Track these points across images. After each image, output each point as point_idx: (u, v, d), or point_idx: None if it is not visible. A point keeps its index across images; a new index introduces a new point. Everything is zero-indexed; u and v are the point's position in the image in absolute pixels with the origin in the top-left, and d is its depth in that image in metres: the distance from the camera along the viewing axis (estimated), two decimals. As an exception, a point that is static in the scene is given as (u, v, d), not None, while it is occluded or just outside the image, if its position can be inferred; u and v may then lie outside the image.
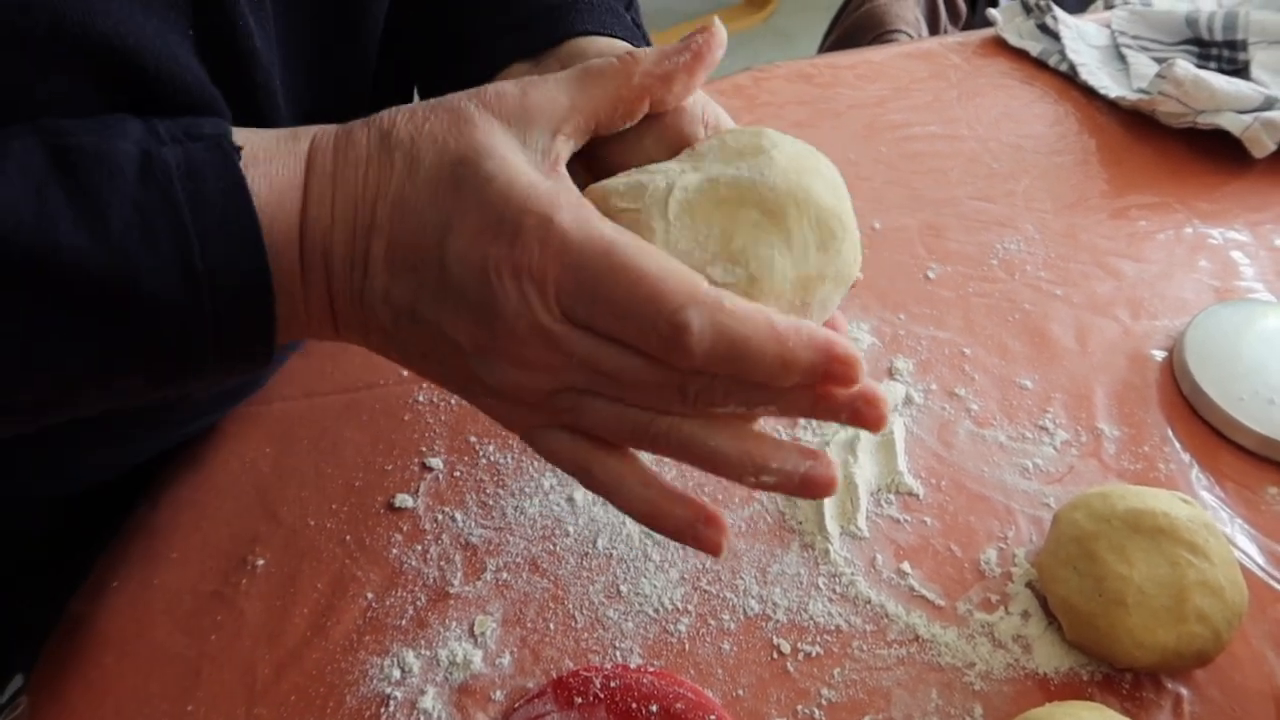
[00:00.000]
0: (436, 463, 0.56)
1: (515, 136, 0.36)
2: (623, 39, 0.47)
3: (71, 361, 0.34)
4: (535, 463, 0.56)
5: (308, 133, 0.38)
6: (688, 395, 0.35)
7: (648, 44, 0.48)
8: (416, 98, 0.58)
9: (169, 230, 0.33)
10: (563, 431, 0.39)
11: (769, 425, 0.58)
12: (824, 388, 0.35)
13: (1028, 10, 0.95)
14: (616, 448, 0.39)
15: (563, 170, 0.37)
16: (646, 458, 0.40)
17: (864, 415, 0.36)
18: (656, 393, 0.36)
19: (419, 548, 0.52)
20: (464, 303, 0.35)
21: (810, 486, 0.37)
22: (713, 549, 0.38)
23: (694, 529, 0.38)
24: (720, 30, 0.39)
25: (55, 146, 0.33)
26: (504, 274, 0.34)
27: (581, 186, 0.38)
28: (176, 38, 0.37)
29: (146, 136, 0.34)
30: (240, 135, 0.36)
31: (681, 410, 0.36)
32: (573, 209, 0.34)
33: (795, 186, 0.37)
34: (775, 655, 0.49)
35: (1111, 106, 0.86)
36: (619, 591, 0.51)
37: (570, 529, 0.53)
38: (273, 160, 0.36)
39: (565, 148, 0.37)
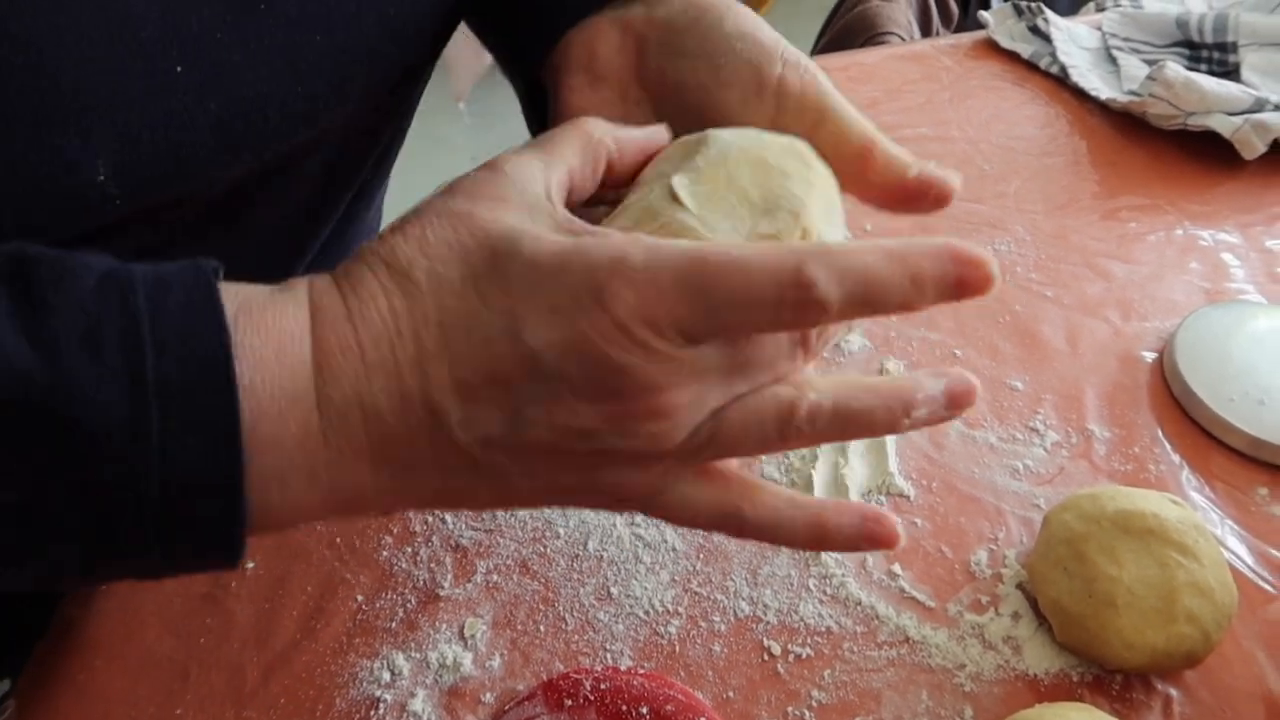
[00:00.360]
0: (427, 465, 0.56)
1: (520, 209, 0.34)
2: None
3: None
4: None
5: (300, 281, 0.34)
6: (811, 344, 0.34)
7: None
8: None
9: (118, 337, 0.29)
10: (696, 481, 0.36)
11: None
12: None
13: (1019, 12, 0.95)
14: (754, 483, 0.36)
15: (572, 216, 0.35)
16: None
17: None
18: (788, 362, 0.34)
19: (409, 550, 0.52)
20: (576, 386, 0.32)
21: (958, 400, 0.35)
22: (891, 542, 0.36)
23: (868, 532, 0.36)
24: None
25: (13, 255, 0.30)
26: (610, 335, 0.31)
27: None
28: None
29: (116, 263, 0.31)
30: (226, 289, 0.32)
31: (805, 362, 0.35)
32: (634, 243, 0.32)
33: (769, 139, 0.38)
34: (766, 657, 0.49)
35: (1102, 108, 0.86)
36: (609, 594, 0.51)
37: (561, 531, 0.53)
38: (266, 309, 0.32)
39: (559, 197, 0.36)
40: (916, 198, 0.41)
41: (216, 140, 0.39)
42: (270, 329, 0.31)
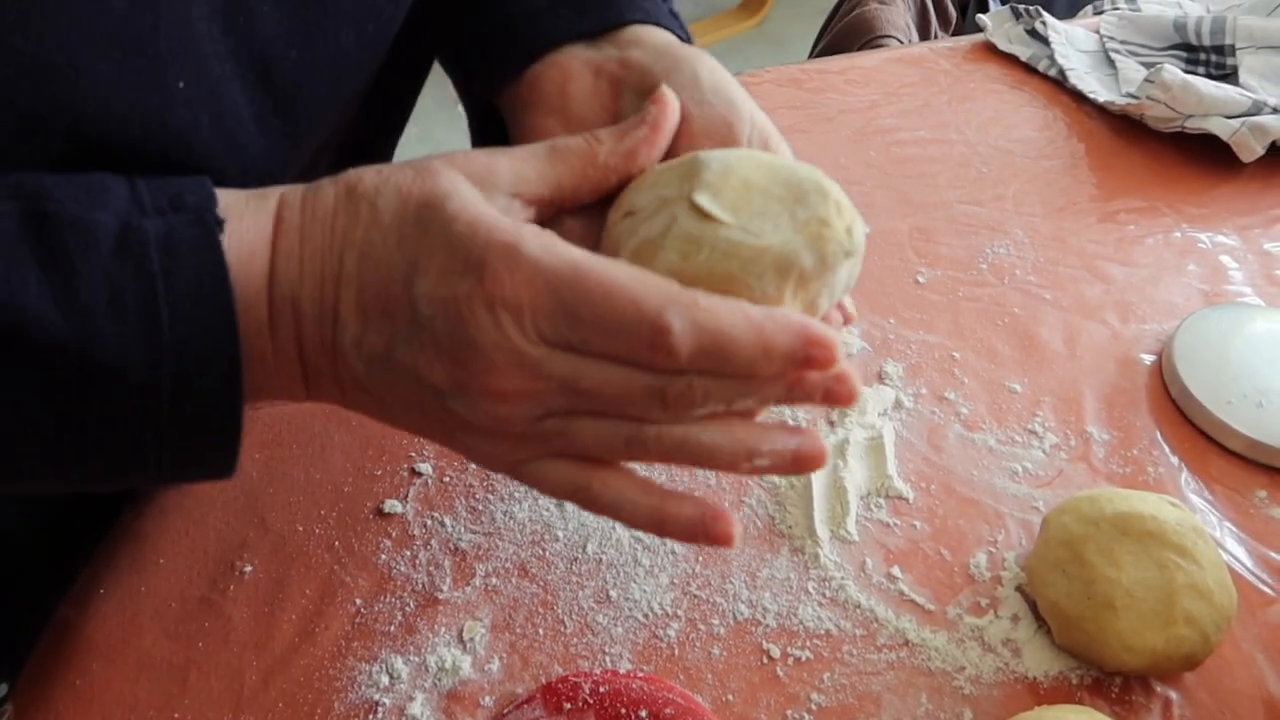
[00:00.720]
0: (426, 468, 0.56)
1: (477, 189, 0.37)
2: (669, 29, 0.47)
3: (25, 430, 0.34)
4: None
5: (276, 191, 0.38)
6: (669, 400, 0.35)
7: (686, 34, 0.49)
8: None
9: (138, 302, 0.33)
10: (553, 459, 0.39)
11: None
12: (800, 372, 0.36)
13: (1017, 16, 0.95)
14: (608, 467, 0.39)
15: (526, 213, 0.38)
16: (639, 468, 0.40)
17: (837, 394, 0.36)
18: (641, 403, 0.36)
19: (408, 553, 0.52)
20: (438, 342, 0.35)
21: (803, 463, 0.37)
22: (725, 541, 0.38)
23: (704, 526, 0.38)
24: (670, 98, 0.41)
25: (33, 212, 0.33)
26: (477, 308, 0.34)
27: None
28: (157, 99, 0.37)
29: (130, 206, 0.34)
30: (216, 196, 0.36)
31: (663, 418, 0.36)
32: (536, 237, 0.35)
33: (745, 148, 0.41)
34: (765, 660, 0.49)
35: (1100, 111, 0.86)
36: (608, 597, 0.51)
37: (560, 534, 0.53)
38: (243, 218, 0.36)
39: (525, 213, 0.38)
40: None
41: (207, 153, 0.40)
42: (242, 238, 0.36)
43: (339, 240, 0.37)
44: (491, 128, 0.50)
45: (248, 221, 0.36)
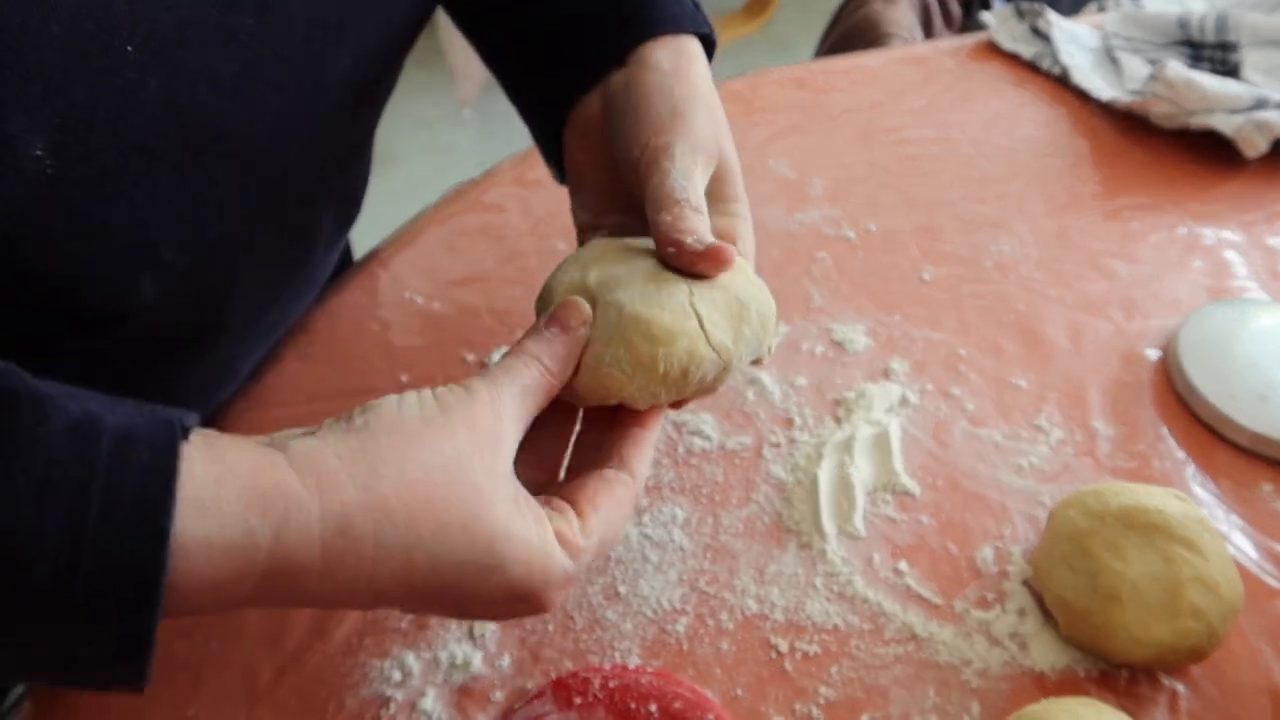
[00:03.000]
0: (435, 467, 0.56)
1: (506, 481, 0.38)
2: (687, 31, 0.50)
3: None
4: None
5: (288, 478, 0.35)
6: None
7: (706, 24, 0.52)
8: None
9: (70, 492, 0.30)
10: None
11: (767, 423, 0.59)
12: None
13: (1021, 14, 0.95)
14: None
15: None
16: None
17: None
18: None
19: (418, 551, 0.52)
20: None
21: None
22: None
23: None
24: (577, 306, 0.42)
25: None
26: (517, 611, 0.39)
27: None
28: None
29: (101, 406, 0.32)
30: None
31: None
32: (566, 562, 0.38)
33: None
34: (773, 655, 0.49)
35: (1104, 109, 0.86)
36: (617, 592, 0.51)
37: (569, 531, 0.53)
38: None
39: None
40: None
41: (157, 120, 0.40)
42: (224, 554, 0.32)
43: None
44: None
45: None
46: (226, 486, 0.32)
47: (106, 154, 0.38)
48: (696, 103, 0.47)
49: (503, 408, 0.38)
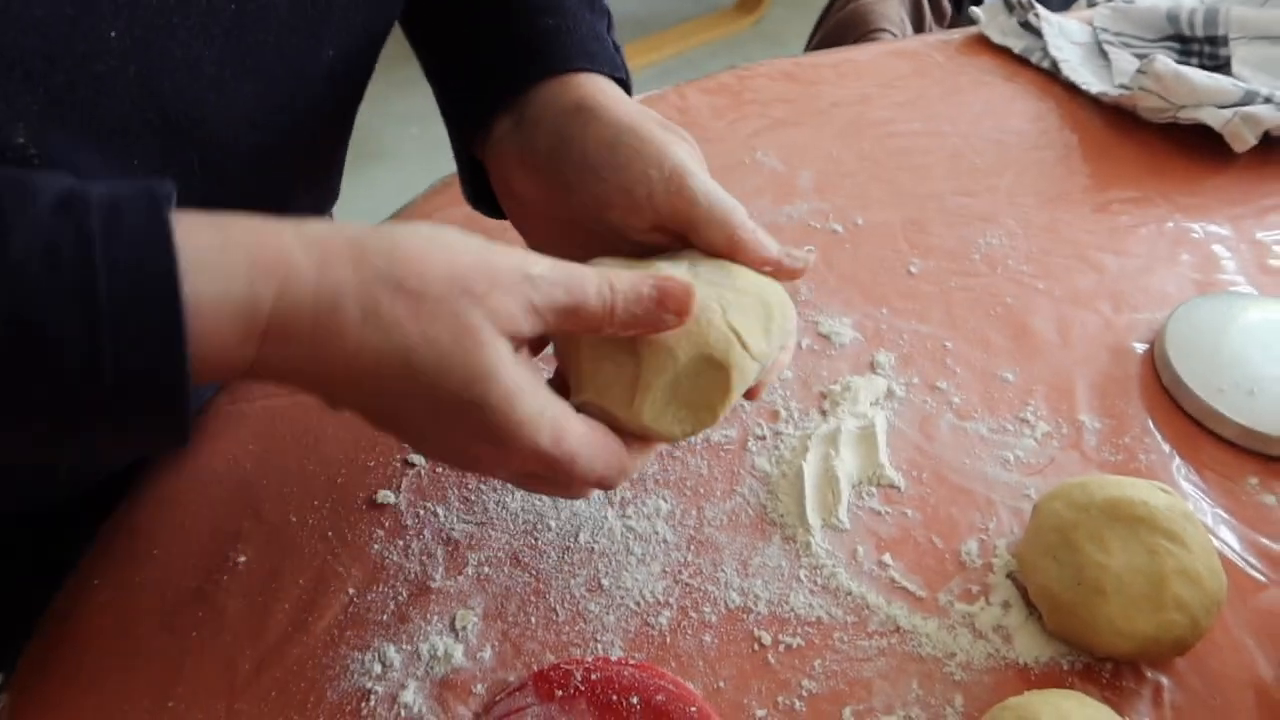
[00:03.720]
0: (418, 459, 0.56)
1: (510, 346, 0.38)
2: (604, 72, 0.50)
3: None
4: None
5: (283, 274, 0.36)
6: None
7: (624, 69, 0.51)
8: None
9: (74, 259, 0.31)
10: None
11: (753, 416, 0.59)
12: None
13: (1010, 8, 0.95)
14: None
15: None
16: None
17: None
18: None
19: (400, 543, 0.52)
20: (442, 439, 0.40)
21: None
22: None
23: None
24: (690, 296, 0.42)
25: None
26: (483, 463, 0.41)
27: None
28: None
29: (75, 181, 0.33)
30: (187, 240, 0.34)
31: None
32: (557, 426, 0.39)
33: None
34: (756, 647, 0.49)
35: (1093, 103, 0.86)
36: (600, 585, 0.51)
37: (552, 524, 0.53)
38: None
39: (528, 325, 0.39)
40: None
41: (136, 106, 0.40)
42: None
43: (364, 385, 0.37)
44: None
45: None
46: (230, 253, 0.34)
47: (85, 139, 0.38)
48: (649, 120, 0.47)
49: (534, 286, 0.38)
